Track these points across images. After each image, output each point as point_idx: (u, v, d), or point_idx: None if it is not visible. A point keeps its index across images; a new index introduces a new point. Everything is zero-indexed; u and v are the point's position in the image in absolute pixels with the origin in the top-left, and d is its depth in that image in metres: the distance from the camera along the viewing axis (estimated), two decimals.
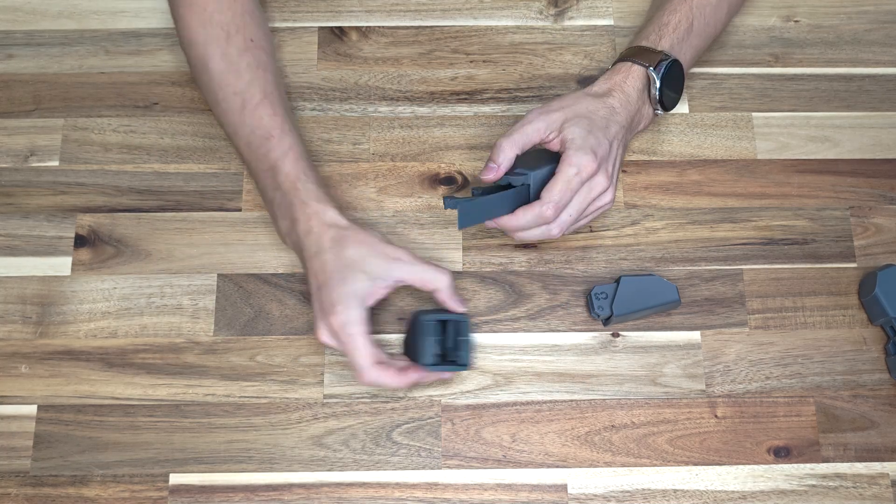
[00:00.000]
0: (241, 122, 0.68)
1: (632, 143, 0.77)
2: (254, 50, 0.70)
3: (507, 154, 0.66)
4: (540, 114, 0.67)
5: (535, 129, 0.66)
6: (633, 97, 0.70)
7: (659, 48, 0.70)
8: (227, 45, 0.69)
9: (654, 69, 0.69)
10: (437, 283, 0.64)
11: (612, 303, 0.69)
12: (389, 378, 0.63)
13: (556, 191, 0.65)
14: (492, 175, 0.66)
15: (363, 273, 0.63)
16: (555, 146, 0.67)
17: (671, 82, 0.71)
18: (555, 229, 0.66)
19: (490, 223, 0.67)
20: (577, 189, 0.65)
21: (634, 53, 0.71)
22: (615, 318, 0.69)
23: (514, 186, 0.66)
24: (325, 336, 0.63)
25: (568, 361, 0.71)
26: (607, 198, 0.68)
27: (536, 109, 0.68)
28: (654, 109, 0.73)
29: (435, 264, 0.65)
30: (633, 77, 0.70)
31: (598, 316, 0.70)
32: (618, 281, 0.70)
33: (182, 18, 0.70)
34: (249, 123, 0.68)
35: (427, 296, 0.69)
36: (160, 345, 0.70)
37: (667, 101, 0.71)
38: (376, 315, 0.71)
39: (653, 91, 0.70)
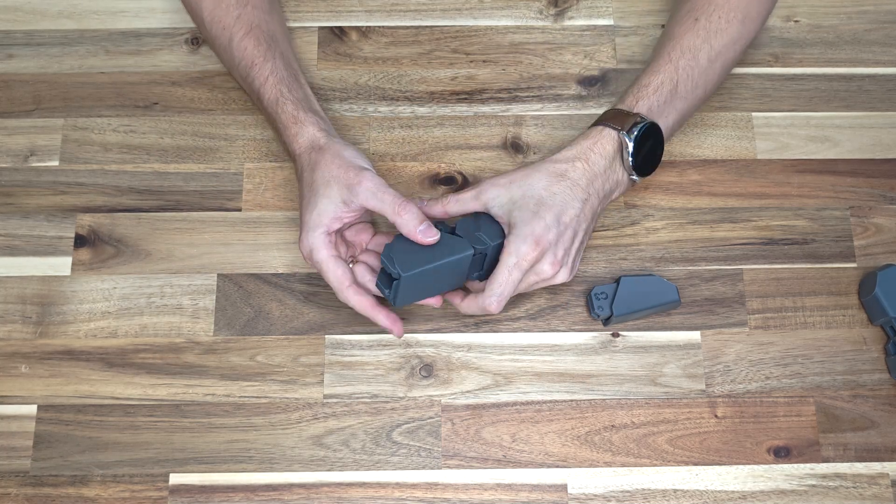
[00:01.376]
0: (231, 57, 0.72)
1: None
2: None
3: (439, 210, 0.65)
4: (491, 185, 0.64)
5: (477, 198, 0.65)
6: (599, 165, 0.65)
7: (635, 111, 0.66)
8: None
9: (627, 133, 0.65)
10: (396, 218, 0.62)
11: (611, 303, 0.69)
12: (363, 305, 0.64)
13: (497, 282, 0.62)
14: (430, 235, 0.63)
15: (327, 198, 0.63)
16: (503, 223, 0.64)
17: (648, 147, 0.66)
18: (493, 307, 0.63)
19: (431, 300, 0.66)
20: (519, 277, 0.63)
21: (609, 117, 0.67)
22: (615, 319, 0.69)
23: (469, 249, 0.63)
24: (303, 255, 0.65)
25: (568, 361, 0.71)
26: (559, 279, 0.65)
27: (489, 181, 0.65)
28: (630, 175, 0.67)
29: (401, 198, 0.62)
30: (602, 142, 0.65)
31: (598, 316, 0.70)
32: (618, 281, 0.70)
33: None
34: (237, 56, 0.71)
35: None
36: (160, 345, 0.70)
37: (643, 166, 0.67)
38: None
39: (625, 156, 0.65)
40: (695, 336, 0.71)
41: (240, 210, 0.74)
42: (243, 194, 0.75)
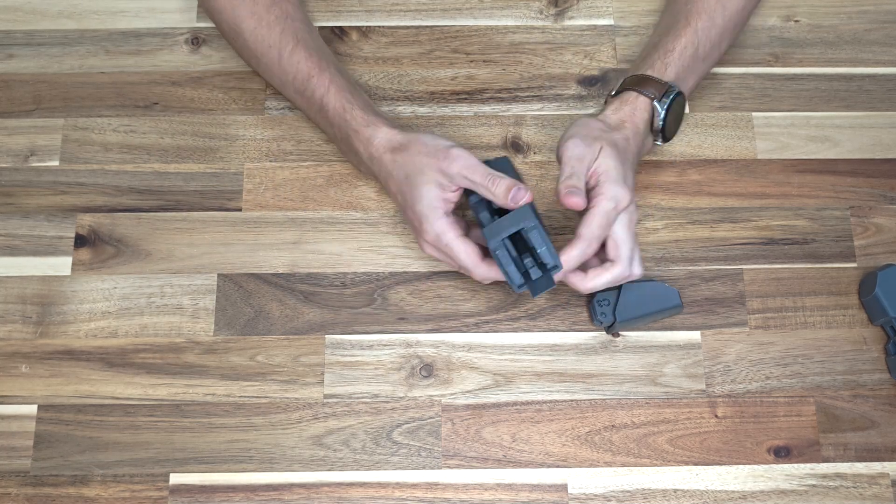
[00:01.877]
0: (283, 72, 0.71)
1: None
2: (280, 3, 0.72)
3: (580, 191, 0.64)
4: (579, 142, 0.65)
5: (580, 161, 0.64)
6: (641, 129, 0.69)
7: (665, 79, 0.69)
8: (255, 4, 0.71)
9: (660, 101, 0.68)
10: (488, 194, 0.63)
11: (614, 309, 0.69)
12: (496, 274, 0.64)
13: (594, 226, 0.63)
14: (579, 200, 0.63)
15: (428, 185, 0.64)
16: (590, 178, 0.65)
17: (673, 113, 0.69)
18: (636, 270, 0.65)
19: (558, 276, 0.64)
20: (612, 221, 0.64)
21: (640, 82, 0.69)
22: (618, 325, 0.69)
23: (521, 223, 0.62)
24: (428, 250, 0.66)
25: (568, 361, 0.71)
26: (634, 217, 0.66)
27: (571, 140, 0.65)
28: (655, 140, 0.71)
29: (490, 173, 0.63)
30: (640, 109, 0.68)
31: (601, 323, 0.70)
32: (619, 288, 0.69)
33: None
34: (290, 71, 0.70)
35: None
36: (160, 344, 0.70)
37: (668, 132, 0.70)
38: (376, 316, 0.71)
39: (656, 123, 0.69)
40: (695, 336, 0.71)
41: (240, 210, 0.74)
42: (243, 194, 0.75)
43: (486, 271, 0.64)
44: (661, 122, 0.69)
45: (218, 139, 0.76)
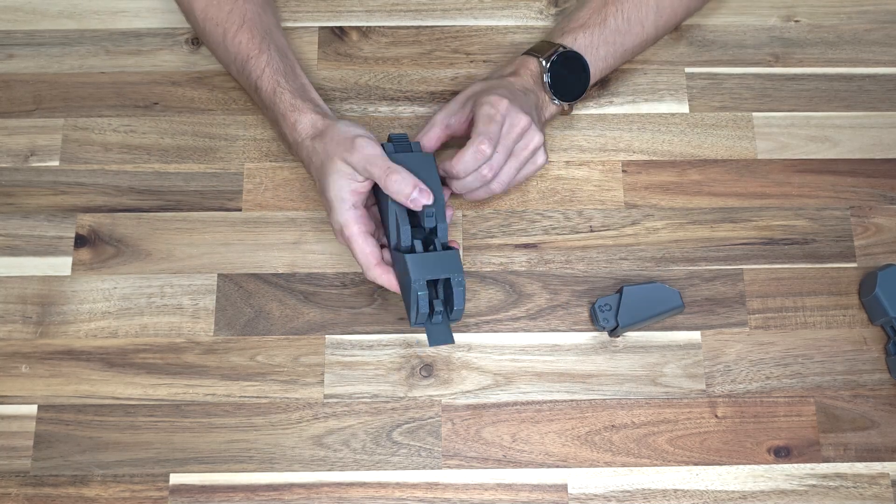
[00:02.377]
0: (226, 52, 0.72)
1: (631, 143, 0.77)
2: None
3: (440, 123, 0.70)
4: (462, 94, 0.70)
5: (455, 102, 0.70)
6: (528, 83, 0.70)
7: (558, 41, 0.72)
8: None
9: (545, 58, 0.70)
10: (386, 184, 0.62)
11: (616, 314, 0.69)
12: (392, 283, 0.64)
13: (480, 126, 0.65)
14: (429, 143, 0.70)
15: (336, 173, 0.64)
16: (468, 115, 0.69)
17: (569, 74, 0.71)
18: (495, 184, 0.68)
19: (439, 170, 0.67)
20: (501, 123, 0.66)
21: (535, 47, 0.73)
22: (621, 329, 0.69)
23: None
24: (338, 238, 0.66)
25: (568, 361, 0.71)
26: (536, 138, 0.67)
27: (446, 105, 0.71)
28: (552, 100, 0.72)
29: (389, 163, 0.62)
30: (525, 66, 0.71)
31: (604, 328, 0.70)
32: (620, 291, 0.69)
33: None
34: (232, 51, 0.71)
35: None
36: (160, 345, 0.70)
37: (560, 91, 0.71)
38: (376, 316, 0.71)
39: (545, 79, 0.70)
40: (695, 336, 0.71)
41: (240, 210, 0.74)
42: (243, 194, 0.75)
43: (378, 275, 0.64)
44: (547, 78, 0.70)
45: (218, 139, 0.76)
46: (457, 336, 0.71)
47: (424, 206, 0.62)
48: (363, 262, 0.64)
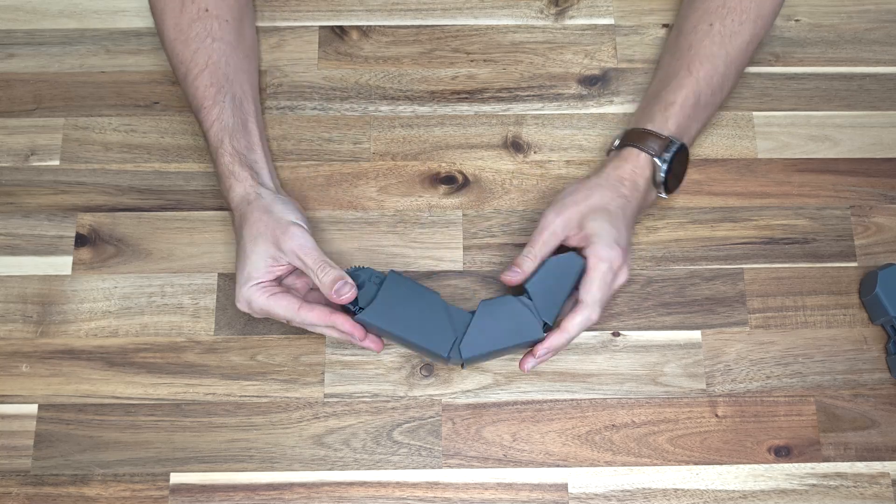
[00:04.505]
0: (185, 91, 0.70)
1: None
2: (206, 19, 0.70)
3: (529, 266, 0.65)
4: (556, 215, 0.66)
5: (553, 234, 0.65)
6: (641, 186, 0.68)
7: (665, 133, 0.68)
8: (181, 13, 0.70)
9: (660, 157, 0.67)
10: (316, 280, 0.62)
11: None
12: (323, 315, 0.63)
13: (594, 290, 0.63)
14: (516, 278, 0.65)
15: (255, 255, 0.63)
16: (574, 242, 0.66)
17: (676, 167, 0.69)
18: (596, 316, 0.64)
19: (540, 349, 0.64)
20: (611, 283, 0.64)
21: (641, 138, 0.68)
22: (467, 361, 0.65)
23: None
24: (241, 308, 0.65)
25: (568, 361, 0.71)
26: (623, 279, 0.66)
27: (551, 210, 0.66)
28: (658, 194, 0.70)
29: (322, 259, 0.63)
30: (640, 166, 0.68)
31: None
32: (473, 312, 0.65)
33: None
34: (190, 93, 0.70)
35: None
36: (161, 344, 0.70)
37: (671, 186, 0.69)
38: None
39: (658, 177, 0.68)
40: (695, 335, 0.71)
41: None
42: None
43: (308, 313, 0.63)
44: (662, 177, 0.68)
45: None
46: None
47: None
48: (287, 314, 0.63)
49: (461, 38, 0.80)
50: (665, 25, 0.80)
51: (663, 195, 0.70)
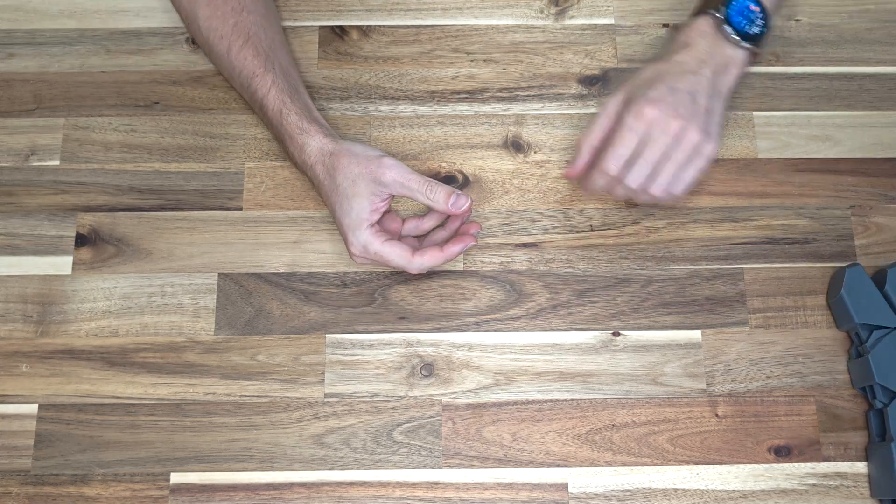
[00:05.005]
0: (231, 66, 0.71)
1: None
2: None
3: (585, 150, 0.68)
4: (608, 100, 0.68)
5: (606, 116, 0.68)
6: (700, 46, 0.67)
7: None
8: None
9: (716, 10, 0.67)
10: (426, 201, 0.65)
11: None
12: (436, 257, 0.66)
13: (613, 142, 0.65)
14: (573, 171, 0.69)
15: (359, 197, 0.65)
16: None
17: (748, 14, 0.67)
18: (655, 189, 0.66)
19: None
20: (638, 135, 0.64)
21: (698, 7, 0.70)
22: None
23: None
24: (357, 259, 0.67)
25: (569, 361, 0.71)
26: (692, 135, 0.64)
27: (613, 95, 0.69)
28: (739, 45, 0.68)
29: (425, 180, 0.65)
30: (695, 27, 0.68)
31: (874, 400, 0.68)
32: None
33: None
34: (237, 66, 0.70)
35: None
36: (161, 344, 0.70)
37: (750, 32, 0.67)
38: (377, 315, 0.71)
39: (725, 30, 0.67)
40: (695, 335, 0.71)
41: (240, 209, 0.74)
42: (244, 193, 0.75)
43: (420, 262, 0.66)
44: (726, 21, 0.67)
45: (219, 138, 0.76)
46: (458, 335, 0.71)
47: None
48: (403, 262, 0.66)
49: (461, 38, 0.80)
50: (665, 25, 0.80)
51: (746, 44, 0.67)
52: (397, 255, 0.65)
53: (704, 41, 0.67)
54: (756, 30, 0.68)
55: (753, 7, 0.68)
